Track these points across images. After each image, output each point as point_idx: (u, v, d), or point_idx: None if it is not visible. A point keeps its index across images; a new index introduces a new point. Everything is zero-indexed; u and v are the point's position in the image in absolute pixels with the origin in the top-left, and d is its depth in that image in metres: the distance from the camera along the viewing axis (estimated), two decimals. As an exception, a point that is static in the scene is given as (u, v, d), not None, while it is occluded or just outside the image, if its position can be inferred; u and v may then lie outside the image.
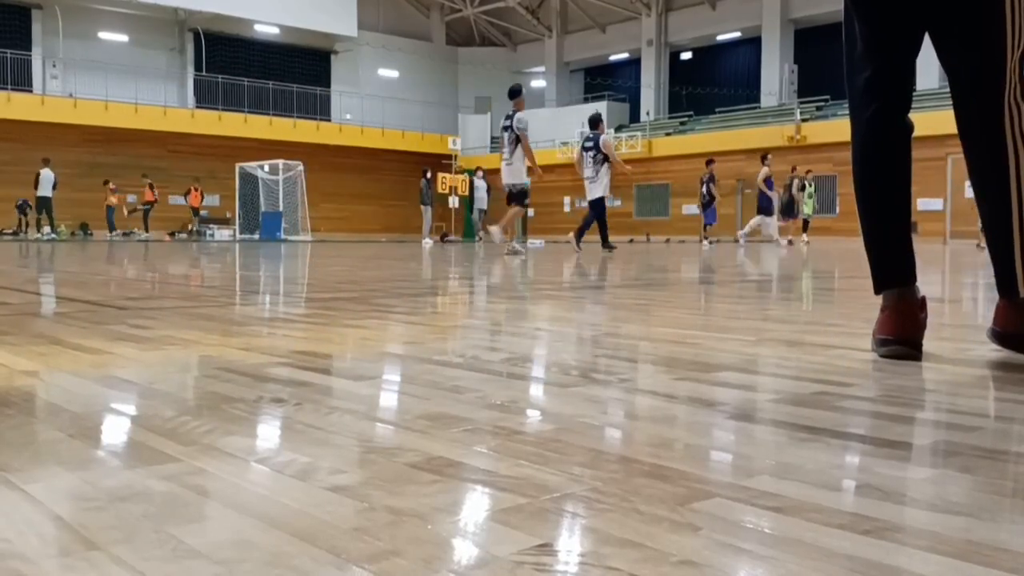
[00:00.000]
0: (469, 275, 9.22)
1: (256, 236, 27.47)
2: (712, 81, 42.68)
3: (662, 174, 38.44)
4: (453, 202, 20.83)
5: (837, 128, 32.49)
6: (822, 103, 35.49)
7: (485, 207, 21.00)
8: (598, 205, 13.56)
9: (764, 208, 19.32)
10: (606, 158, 13.86)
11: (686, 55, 43.82)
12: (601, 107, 43.14)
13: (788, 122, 33.72)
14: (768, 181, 19.41)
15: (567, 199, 43.43)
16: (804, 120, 33.53)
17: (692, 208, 35.94)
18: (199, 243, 24.02)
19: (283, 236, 25.78)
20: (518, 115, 11.99)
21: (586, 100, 47.11)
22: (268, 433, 1.61)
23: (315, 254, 16.37)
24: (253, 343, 2.95)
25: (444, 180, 21.94)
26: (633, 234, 36.84)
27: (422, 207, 21.88)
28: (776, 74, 37.94)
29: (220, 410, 1.77)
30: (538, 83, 49.92)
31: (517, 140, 12.03)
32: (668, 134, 39.86)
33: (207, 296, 5.70)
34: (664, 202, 38.74)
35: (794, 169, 22.17)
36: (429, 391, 2.02)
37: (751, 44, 39.78)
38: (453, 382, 2.14)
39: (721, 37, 41.56)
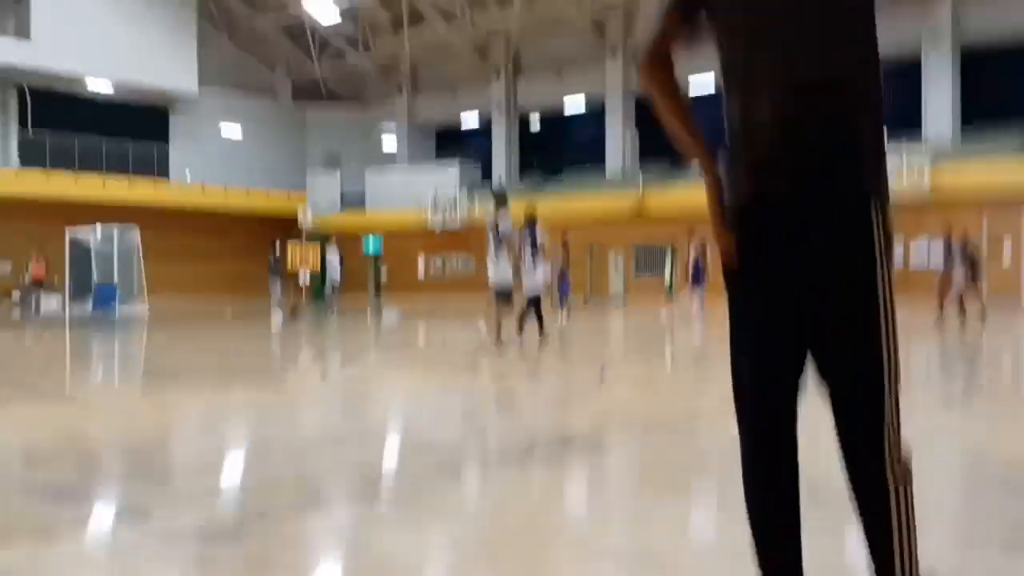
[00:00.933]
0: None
1: (88, 307, 25.73)
2: (560, 147, 43.71)
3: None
4: (304, 278, 20.11)
5: (676, 196, 33.89)
6: (665, 167, 36.99)
7: (339, 278, 20.38)
8: (534, 302, 12.60)
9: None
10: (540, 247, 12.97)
11: (535, 122, 44.70)
12: (453, 169, 43.39)
13: (632, 188, 34.83)
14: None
15: (420, 258, 43.22)
16: (647, 186, 34.71)
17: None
18: (17, 321, 22.24)
19: (117, 310, 24.26)
20: (505, 223, 12.14)
21: (439, 159, 47.21)
22: None
23: (149, 350, 15.34)
24: None
25: (294, 253, 21.23)
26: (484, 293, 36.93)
27: (270, 279, 21.07)
28: (619, 140, 39.21)
29: None
30: (389, 140, 49.72)
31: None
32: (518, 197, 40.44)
33: None
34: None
35: None
36: None
37: (596, 111, 41.01)
38: None
39: (568, 99, 42.60)
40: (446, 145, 48.62)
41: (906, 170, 27.10)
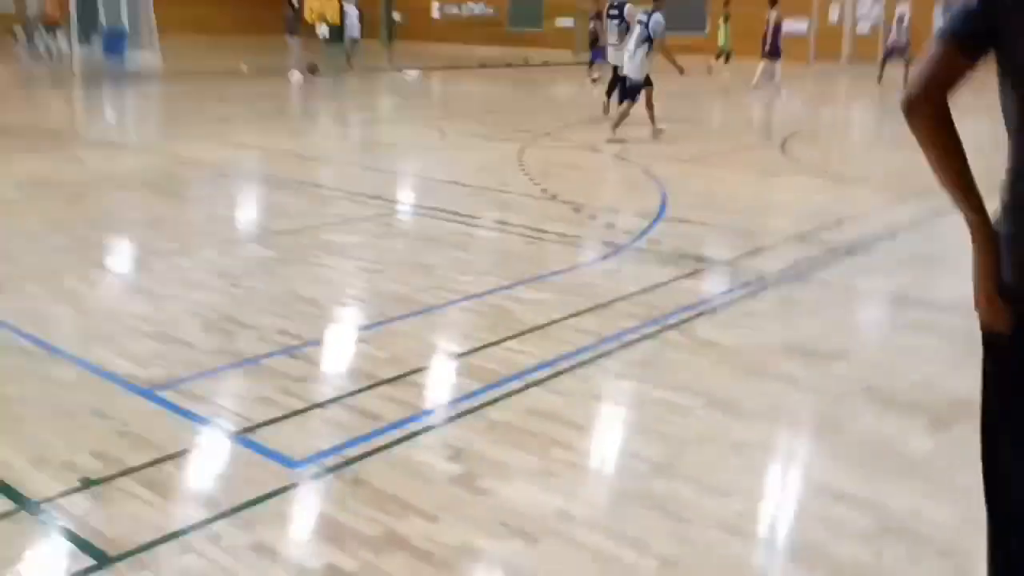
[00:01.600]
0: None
1: (96, 53, 24.69)
2: None
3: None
4: (323, 32, 18.96)
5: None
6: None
7: (358, 36, 19.20)
8: (633, 88, 10.92)
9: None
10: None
11: None
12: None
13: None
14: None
15: (435, 4, 41.08)
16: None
17: (566, 22, 34.67)
18: (28, 64, 21.44)
19: (126, 60, 23.25)
20: (656, 17, 10.51)
21: None
22: None
23: (169, 107, 14.70)
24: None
25: (312, 4, 19.94)
26: (506, 44, 35.39)
27: (288, 37, 20.02)
28: None
29: None
30: None
31: (647, 39, 10.57)
32: (544, -62, 37.65)
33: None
34: (538, 14, 37.16)
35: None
36: None
37: None
38: None
39: None
40: None
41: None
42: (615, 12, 13.24)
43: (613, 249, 5.91)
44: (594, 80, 18.76)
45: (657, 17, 10.69)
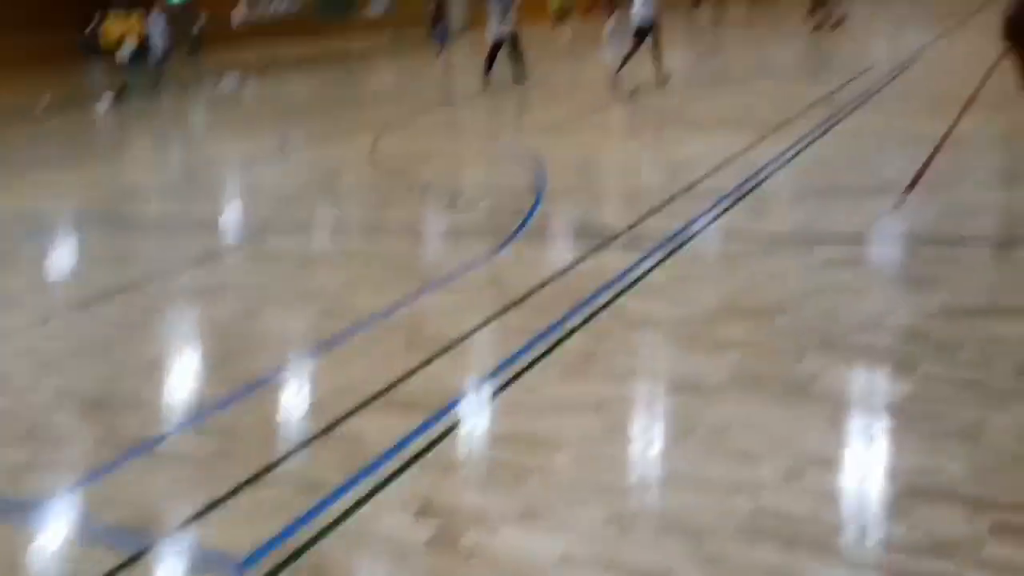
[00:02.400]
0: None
1: None
2: None
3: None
4: (125, 54, 17.26)
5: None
6: None
7: (164, 53, 17.57)
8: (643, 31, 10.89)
9: None
10: None
11: None
12: None
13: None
14: None
15: (241, 4, 39.26)
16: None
17: (379, 6, 33.84)
18: None
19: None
20: None
21: None
22: None
23: None
24: None
25: (109, 31, 18.28)
26: (317, 36, 34.24)
27: (88, 63, 18.41)
28: None
29: None
30: None
31: None
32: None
33: None
34: (349, 1, 36.11)
35: None
36: None
37: None
38: None
39: None
40: None
41: None
42: None
43: (507, 235, 5.57)
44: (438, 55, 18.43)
45: None
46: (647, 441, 2.99)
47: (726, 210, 5.51)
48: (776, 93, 10.07)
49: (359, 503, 2.76)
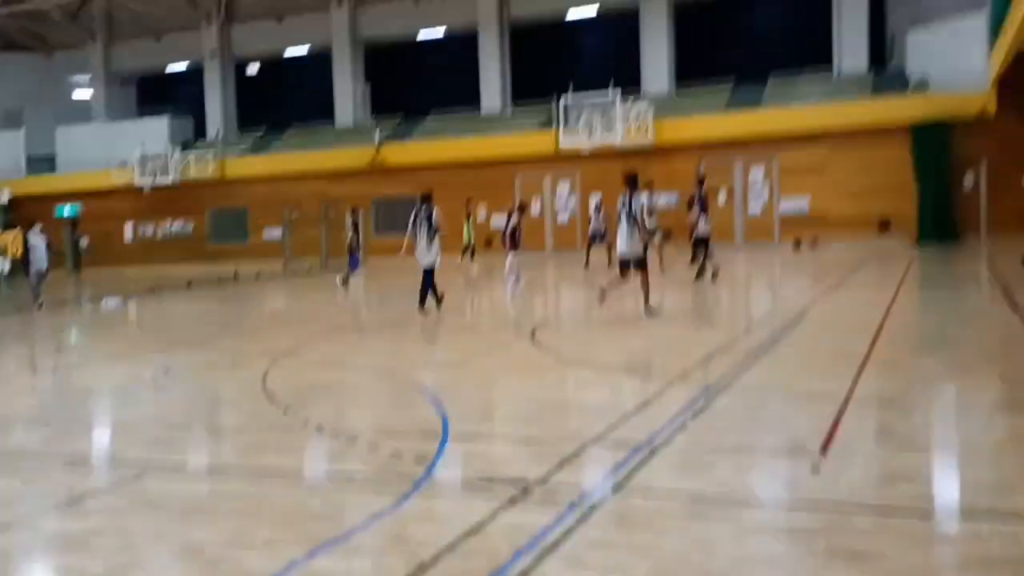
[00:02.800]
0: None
1: None
2: (283, 98, 41.07)
3: (240, 198, 36.12)
4: (3, 266, 16.77)
5: (412, 150, 32.99)
6: (398, 121, 35.88)
7: (46, 267, 17.20)
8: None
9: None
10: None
11: (253, 69, 41.67)
12: (162, 123, 39.57)
13: (367, 144, 33.49)
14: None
15: (128, 225, 39.12)
16: (385, 140, 33.51)
17: (274, 232, 34.31)
18: None
19: None
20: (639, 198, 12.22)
21: (143, 114, 42.69)
22: None
23: None
24: None
25: (-10, 241, 17.79)
26: (209, 261, 34.14)
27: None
28: (349, 93, 37.51)
29: None
30: (83, 94, 44.22)
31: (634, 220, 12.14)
32: (242, 153, 37.58)
33: None
34: (242, 227, 36.46)
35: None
36: None
37: (321, 61, 38.87)
38: None
39: (290, 52, 40.14)
40: (151, 97, 44.05)
41: (633, 122, 28.16)
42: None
43: (411, 485, 5.17)
44: (344, 284, 18.59)
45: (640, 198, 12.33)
46: None
47: (642, 463, 5.30)
48: (673, 339, 10.28)
49: None
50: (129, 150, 37.19)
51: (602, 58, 34.50)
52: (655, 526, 4.37)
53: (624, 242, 12.11)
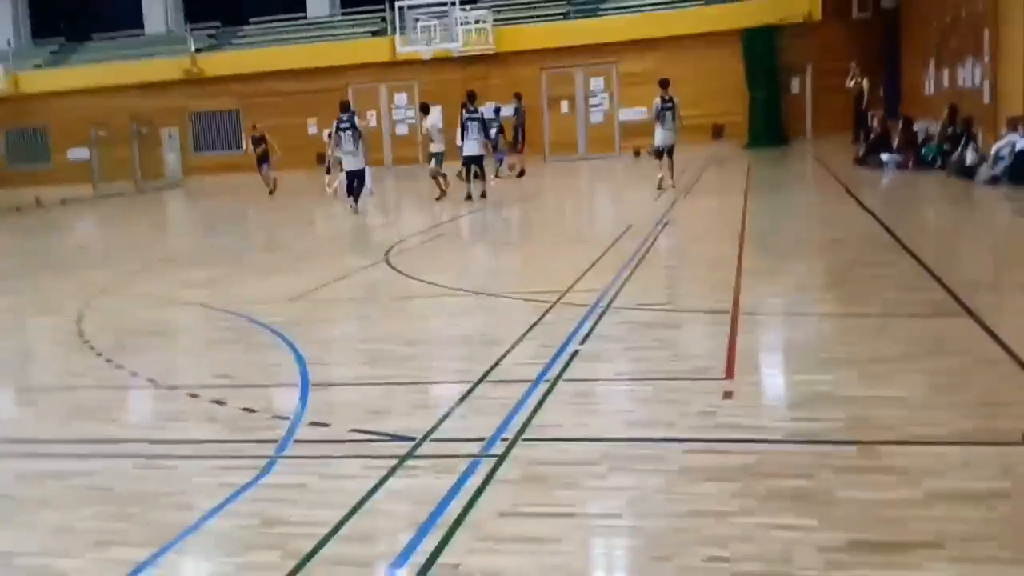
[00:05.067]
0: None
1: None
2: (84, 5, 36.92)
3: (38, 115, 32.51)
4: None
5: (233, 59, 30.56)
6: (213, 30, 33.08)
7: None
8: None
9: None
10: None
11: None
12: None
13: (182, 54, 30.69)
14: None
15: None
16: (199, 51, 30.82)
17: (79, 153, 31.13)
18: None
19: None
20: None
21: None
22: None
23: None
24: None
25: None
26: (9, 187, 30.76)
27: None
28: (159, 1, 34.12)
29: None
30: None
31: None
32: (39, 66, 33.70)
33: None
34: (43, 148, 32.95)
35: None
36: None
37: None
38: None
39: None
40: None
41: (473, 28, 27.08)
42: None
43: (273, 450, 4.35)
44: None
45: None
46: None
47: (542, 401, 4.70)
48: (545, 257, 9.69)
49: None
50: None
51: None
52: (567, 479, 3.78)
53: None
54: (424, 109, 17.86)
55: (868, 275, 7.53)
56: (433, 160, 16.56)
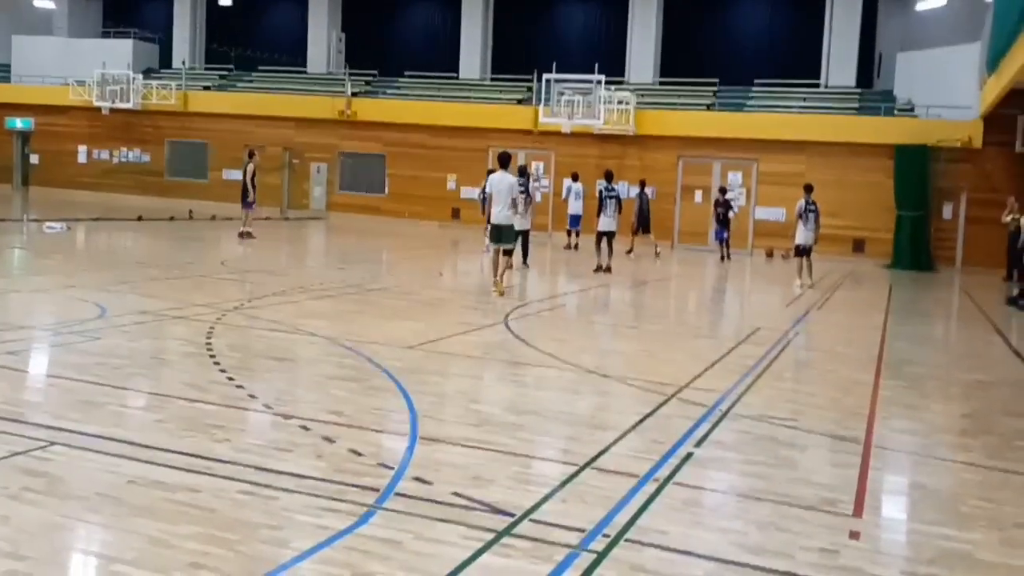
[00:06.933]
0: None
1: None
2: (254, 36, 39.29)
3: (200, 132, 34.50)
4: None
5: (386, 107, 31.74)
6: (371, 78, 34.54)
7: None
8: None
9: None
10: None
11: (226, 1, 39.85)
12: (126, 46, 37.66)
13: (339, 95, 32.11)
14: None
15: (82, 148, 37.25)
16: (355, 95, 32.19)
17: (235, 174, 32.75)
18: None
19: None
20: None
21: (107, 35, 40.56)
22: None
23: None
24: None
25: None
26: (166, 197, 32.62)
27: None
28: (323, 40, 35.97)
29: None
30: (44, 3, 41.89)
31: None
32: (207, 88, 35.88)
33: None
34: (202, 163, 34.87)
35: None
36: None
37: (297, 3, 37.21)
38: None
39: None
40: (117, 17, 41.84)
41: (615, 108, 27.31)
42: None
43: (374, 499, 4.29)
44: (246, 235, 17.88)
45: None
46: None
47: (649, 501, 4.49)
48: (669, 348, 9.46)
49: None
50: (89, 70, 35.24)
51: (587, 41, 33.42)
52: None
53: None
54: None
55: (1017, 427, 6.94)
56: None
